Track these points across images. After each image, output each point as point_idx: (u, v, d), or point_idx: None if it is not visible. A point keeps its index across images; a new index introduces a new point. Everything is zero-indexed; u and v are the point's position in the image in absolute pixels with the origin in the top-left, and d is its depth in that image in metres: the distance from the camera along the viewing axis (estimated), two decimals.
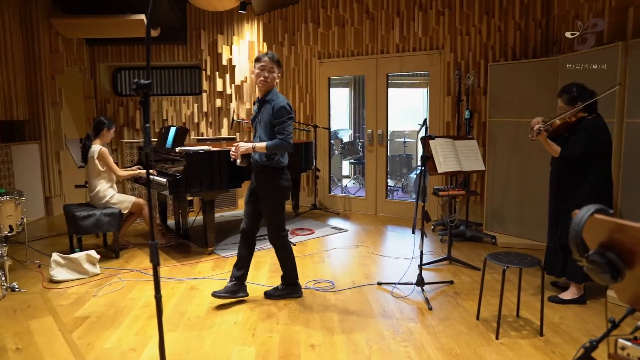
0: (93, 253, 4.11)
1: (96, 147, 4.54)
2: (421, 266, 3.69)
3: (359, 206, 6.88)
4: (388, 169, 6.86)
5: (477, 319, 3.19)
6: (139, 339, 2.95)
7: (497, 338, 2.90)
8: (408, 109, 9.56)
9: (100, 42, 7.20)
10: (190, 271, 4.23)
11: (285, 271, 3.59)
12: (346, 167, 9.29)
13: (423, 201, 3.69)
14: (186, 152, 4.45)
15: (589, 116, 3.33)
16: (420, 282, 3.64)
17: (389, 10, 6.23)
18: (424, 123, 3.75)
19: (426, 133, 3.72)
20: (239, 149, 3.34)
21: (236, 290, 3.47)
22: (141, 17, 6.14)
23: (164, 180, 4.37)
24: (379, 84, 6.49)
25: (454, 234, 4.95)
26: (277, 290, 3.61)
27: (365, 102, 6.86)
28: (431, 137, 4.03)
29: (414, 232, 3.75)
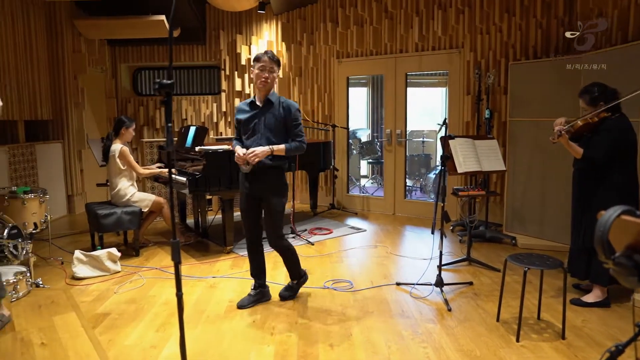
0: (114, 251, 4.18)
1: (117, 145, 4.61)
2: (440, 267, 3.67)
3: (377, 206, 6.85)
4: (406, 169, 6.83)
5: (497, 320, 3.16)
6: (160, 336, 2.98)
7: (517, 340, 2.87)
8: (427, 108, 9.49)
9: (121, 42, 7.32)
10: (209, 269, 4.26)
11: (292, 267, 3.54)
12: (364, 167, 9.25)
13: (443, 201, 3.66)
14: (206, 152, 4.50)
15: (612, 116, 3.26)
16: (440, 282, 3.61)
17: (408, 9, 6.19)
18: (444, 123, 3.72)
19: (446, 133, 3.70)
20: (257, 155, 3.13)
21: (260, 299, 3.49)
22: (161, 18, 6.21)
23: (184, 179, 4.42)
24: (397, 84, 6.45)
25: (473, 234, 4.90)
26: (290, 290, 3.58)
27: (384, 101, 6.83)
28: (451, 136, 4.00)
29: (433, 233, 3.73)
